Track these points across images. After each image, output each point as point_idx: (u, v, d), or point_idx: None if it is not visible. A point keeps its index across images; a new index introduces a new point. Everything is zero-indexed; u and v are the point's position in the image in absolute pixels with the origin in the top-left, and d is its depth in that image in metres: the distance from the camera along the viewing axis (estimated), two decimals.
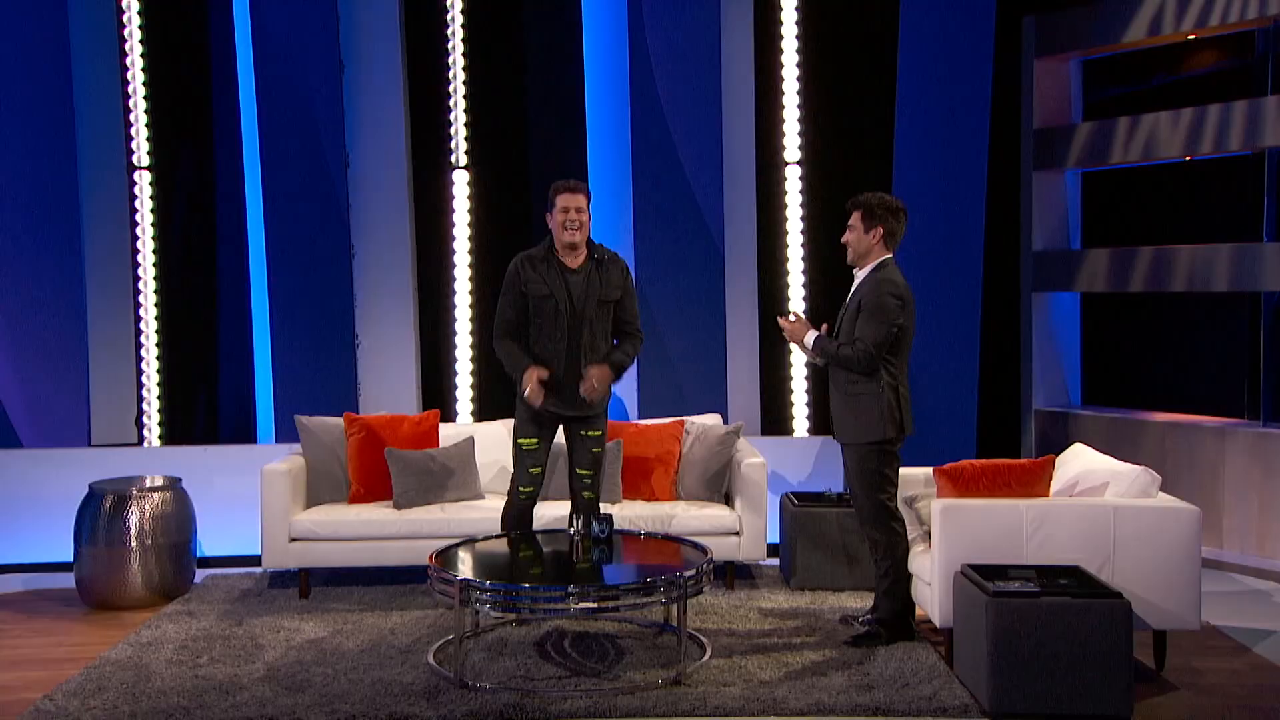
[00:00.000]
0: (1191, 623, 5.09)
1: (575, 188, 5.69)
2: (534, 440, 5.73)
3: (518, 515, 5.85)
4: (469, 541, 5.67)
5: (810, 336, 5.59)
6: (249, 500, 7.07)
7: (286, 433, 7.60)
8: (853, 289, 5.65)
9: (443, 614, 6.02)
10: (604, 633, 5.68)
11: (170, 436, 7.88)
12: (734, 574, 6.48)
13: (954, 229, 7.83)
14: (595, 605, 4.96)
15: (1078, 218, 8.69)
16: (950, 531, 5.11)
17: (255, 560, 6.88)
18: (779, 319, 5.72)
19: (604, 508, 6.08)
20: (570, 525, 5.77)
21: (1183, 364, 8.45)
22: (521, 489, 5.81)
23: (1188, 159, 7.92)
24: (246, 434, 7.93)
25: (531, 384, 5.59)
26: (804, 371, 8.00)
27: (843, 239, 5.66)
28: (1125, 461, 5.59)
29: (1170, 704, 4.84)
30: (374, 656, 5.39)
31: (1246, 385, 7.69)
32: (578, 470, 5.89)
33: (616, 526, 5.78)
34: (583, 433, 5.82)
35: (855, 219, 5.60)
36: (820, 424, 7.93)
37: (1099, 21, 8.19)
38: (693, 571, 5.05)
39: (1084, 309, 8.77)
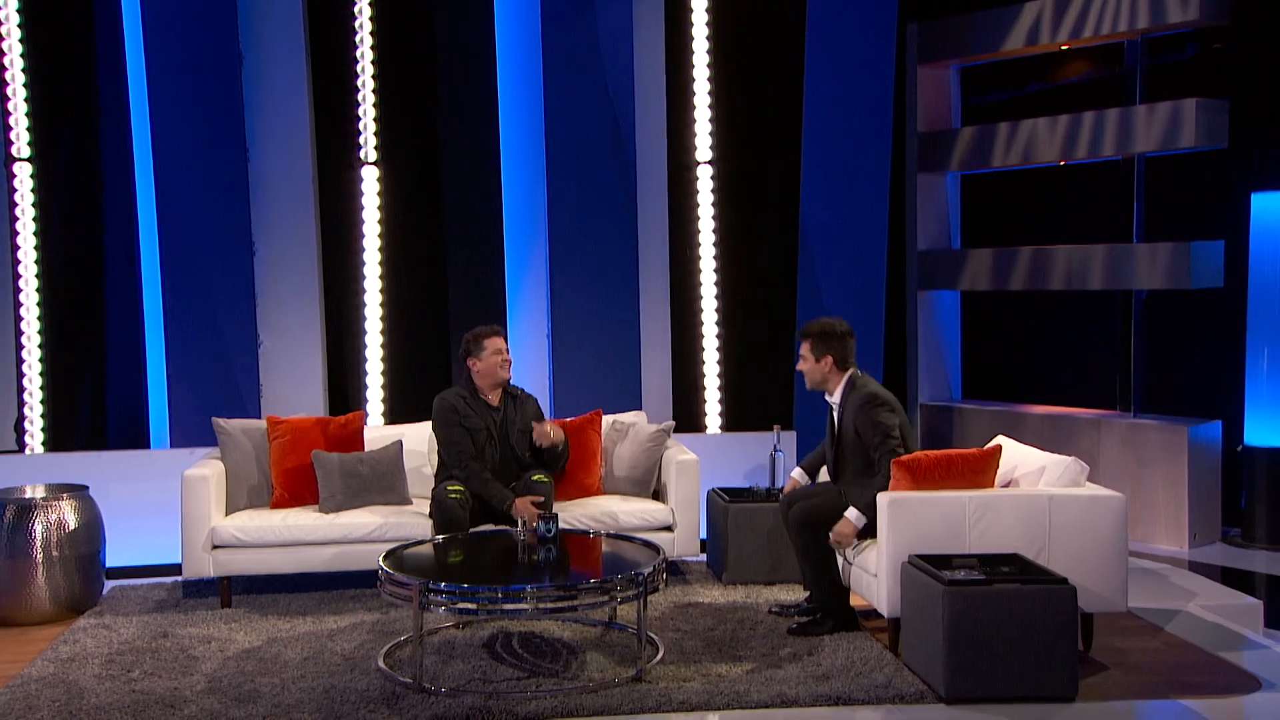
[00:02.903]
0: (1119, 605, 5.35)
1: (500, 331, 6.13)
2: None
3: (452, 516, 5.87)
4: (417, 543, 5.60)
5: (854, 515, 5.49)
6: (149, 507, 6.86)
7: (182, 437, 7.34)
8: (835, 413, 5.72)
9: (380, 619, 5.90)
10: (550, 633, 5.66)
11: (55, 442, 7.48)
12: (667, 570, 6.52)
13: (858, 229, 8.04)
14: (555, 604, 4.97)
15: (958, 219, 9.04)
16: (898, 523, 5.26)
17: (162, 570, 6.66)
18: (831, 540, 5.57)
19: None
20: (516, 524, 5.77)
21: (1059, 359, 8.88)
22: (451, 490, 5.91)
23: (1063, 163, 8.33)
24: (138, 439, 7.60)
25: (527, 512, 5.82)
26: (716, 369, 8.10)
27: (798, 367, 5.78)
28: None
29: (1105, 683, 5.07)
30: (319, 665, 5.25)
31: (1119, 378, 8.13)
32: (534, 478, 6.10)
33: None
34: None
35: (805, 349, 5.72)
36: (732, 421, 8.05)
37: (979, 30, 8.52)
38: (650, 569, 5.10)
39: (964, 306, 9.13)
